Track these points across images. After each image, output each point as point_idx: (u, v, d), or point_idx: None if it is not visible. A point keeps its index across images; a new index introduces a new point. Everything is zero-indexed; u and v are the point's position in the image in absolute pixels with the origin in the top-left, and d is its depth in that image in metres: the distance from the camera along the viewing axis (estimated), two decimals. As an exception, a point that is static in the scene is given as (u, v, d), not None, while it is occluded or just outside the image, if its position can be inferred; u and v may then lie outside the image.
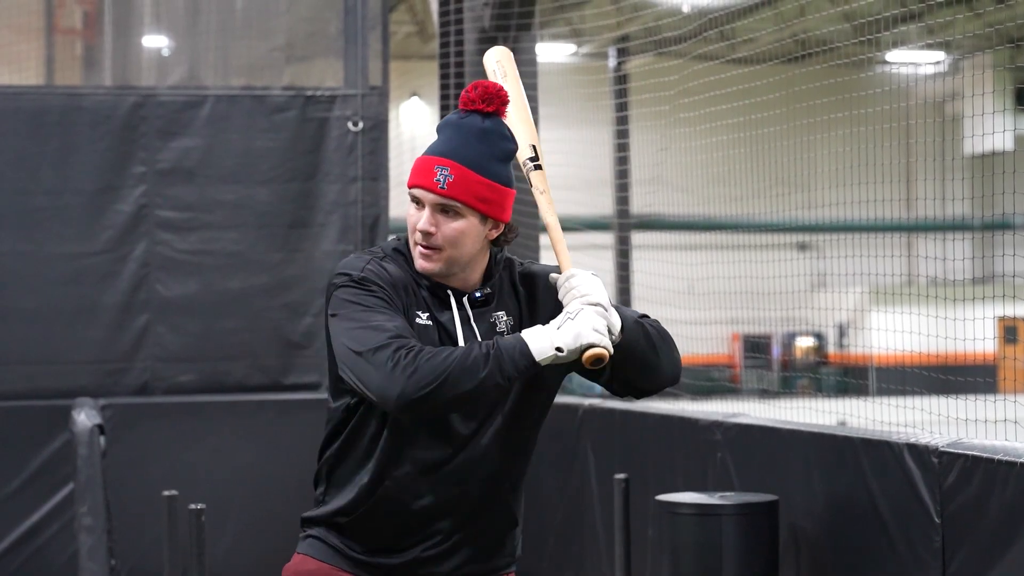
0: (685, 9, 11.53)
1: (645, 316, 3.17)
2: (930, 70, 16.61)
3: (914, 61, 16.15)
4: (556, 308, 3.03)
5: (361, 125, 8.34)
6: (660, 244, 12.06)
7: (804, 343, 27.62)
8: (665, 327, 3.17)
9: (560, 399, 7.73)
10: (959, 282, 6.82)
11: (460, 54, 8.65)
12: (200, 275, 8.18)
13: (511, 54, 3.37)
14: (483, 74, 3.35)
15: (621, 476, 6.07)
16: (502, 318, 3.13)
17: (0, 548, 7.78)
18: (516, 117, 3.22)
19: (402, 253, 3.13)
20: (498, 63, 3.33)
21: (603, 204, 16.33)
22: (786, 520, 4.89)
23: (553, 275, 3.06)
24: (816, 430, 4.97)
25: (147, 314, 8.11)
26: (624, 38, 12.77)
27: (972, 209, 6.94)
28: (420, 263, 3.08)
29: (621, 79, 10.72)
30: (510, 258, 3.21)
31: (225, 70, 8.63)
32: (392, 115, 8.75)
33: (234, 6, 8.59)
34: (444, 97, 8.73)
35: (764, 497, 4.93)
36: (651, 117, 9.30)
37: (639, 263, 12.82)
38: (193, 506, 6.06)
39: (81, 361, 8.02)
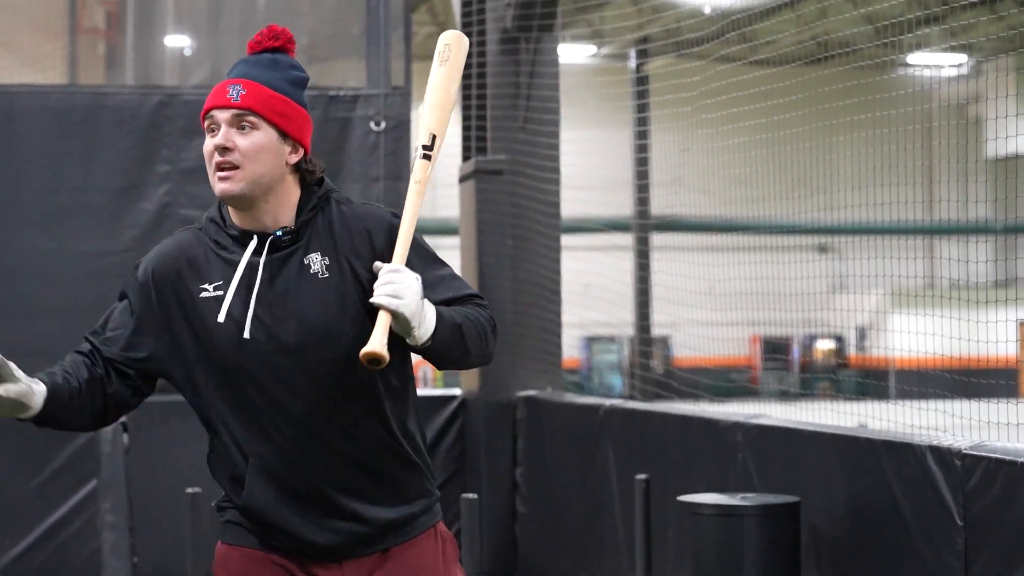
0: (706, 11, 11.53)
1: (476, 303, 3.05)
2: (952, 72, 16.58)
3: (936, 63, 16.13)
4: (386, 253, 2.95)
5: (383, 125, 8.36)
6: (680, 245, 12.05)
7: (824, 345, 27.58)
8: (490, 314, 3.06)
9: (581, 399, 7.73)
10: (980, 285, 6.81)
11: (482, 55, 8.65)
12: (222, 274, 8.20)
13: (465, 43, 3.22)
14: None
15: (642, 476, 6.07)
16: (316, 259, 3.02)
17: (24, 544, 7.82)
18: (431, 102, 3.12)
19: (213, 218, 3.12)
20: (447, 46, 3.19)
21: (623, 205, 16.33)
22: (807, 521, 4.90)
23: (378, 263, 2.90)
24: (837, 431, 4.97)
25: (169, 312, 8.13)
26: (645, 39, 12.78)
27: (994, 212, 6.93)
28: (220, 187, 3.02)
29: (642, 80, 10.72)
30: (327, 196, 3.09)
31: (248, 70, 8.65)
32: (414, 115, 8.75)
33: (256, 6, 8.62)
34: (465, 97, 8.74)
35: (785, 498, 4.94)
36: (671, 119, 9.30)
37: (659, 264, 12.82)
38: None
39: (104, 359, 8.05)
